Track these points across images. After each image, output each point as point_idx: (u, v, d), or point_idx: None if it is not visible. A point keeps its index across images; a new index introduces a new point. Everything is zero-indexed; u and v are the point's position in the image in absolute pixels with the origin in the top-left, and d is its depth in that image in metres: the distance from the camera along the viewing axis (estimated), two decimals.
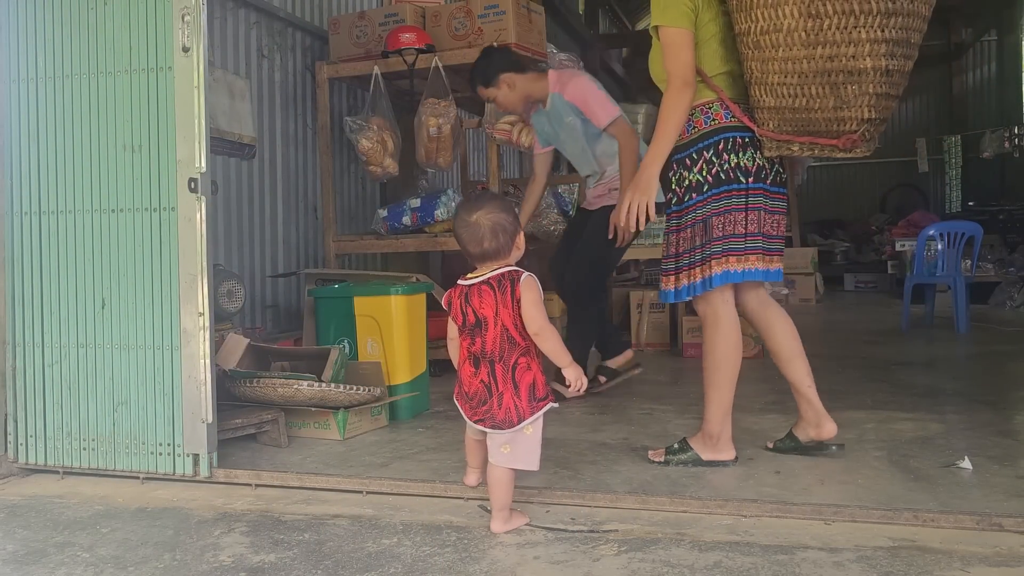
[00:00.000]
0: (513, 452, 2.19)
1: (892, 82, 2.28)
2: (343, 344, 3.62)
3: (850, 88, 2.28)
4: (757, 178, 2.53)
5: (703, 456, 2.66)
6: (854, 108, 2.31)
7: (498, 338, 2.19)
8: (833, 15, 2.22)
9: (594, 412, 3.58)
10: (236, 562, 2.06)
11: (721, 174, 2.53)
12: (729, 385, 2.62)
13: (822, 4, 2.22)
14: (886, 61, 2.23)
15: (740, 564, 1.95)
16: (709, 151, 2.55)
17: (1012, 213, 9.85)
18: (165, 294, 2.72)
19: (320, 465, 2.82)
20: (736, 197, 2.53)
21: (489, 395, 2.19)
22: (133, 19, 2.75)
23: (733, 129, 2.53)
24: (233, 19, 4.50)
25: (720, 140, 2.54)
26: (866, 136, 2.35)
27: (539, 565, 1.99)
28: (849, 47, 2.23)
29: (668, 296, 2.67)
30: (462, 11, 4.62)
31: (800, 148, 2.46)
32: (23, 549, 2.20)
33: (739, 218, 2.52)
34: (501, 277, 2.21)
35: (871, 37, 2.21)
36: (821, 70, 2.29)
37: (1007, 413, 3.41)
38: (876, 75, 2.25)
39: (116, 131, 2.78)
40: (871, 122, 2.32)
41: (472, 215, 2.22)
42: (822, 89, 2.32)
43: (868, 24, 2.20)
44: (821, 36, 2.25)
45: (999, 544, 2.04)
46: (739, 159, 2.53)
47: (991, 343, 5.58)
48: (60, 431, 2.83)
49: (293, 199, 4.99)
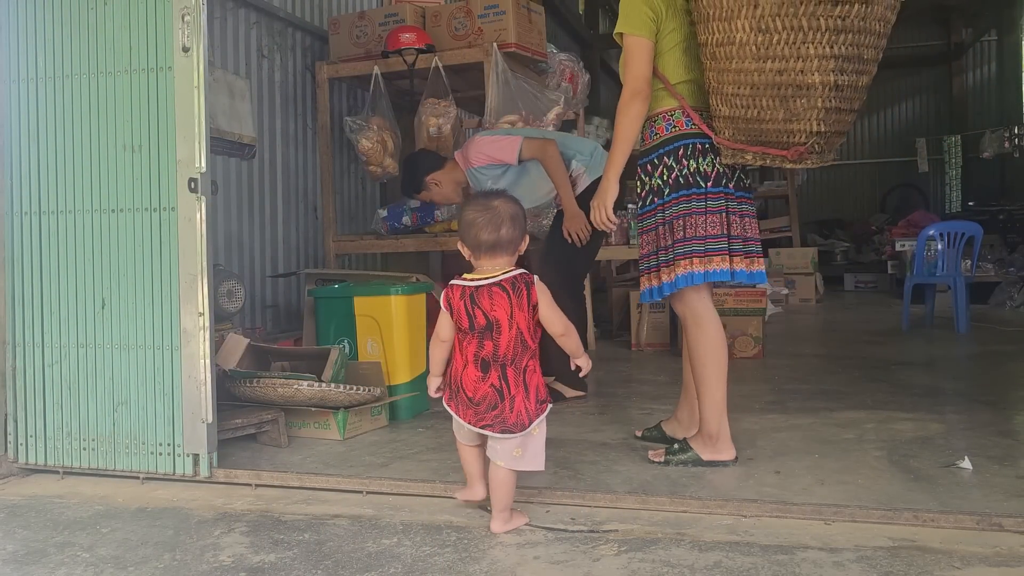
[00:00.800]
0: (524, 455, 2.19)
1: (843, 96, 2.32)
2: (343, 344, 3.62)
3: (799, 102, 2.33)
4: (716, 183, 2.60)
5: (703, 456, 2.67)
6: (803, 121, 2.35)
7: (512, 341, 2.16)
8: (783, 31, 2.27)
9: (594, 412, 3.58)
10: (236, 562, 2.06)
11: (680, 179, 2.60)
12: (718, 382, 2.64)
13: (772, 20, 2.27)
14: (835, 76, 2.27)
15: (740, 564, 1.95)
16: (669, 157, 2.62)
17: (1012, 213, 9.85)
18: (165, 294, 2.72)
19: (320, 465, 2.82)
20: (696, 201, 2.59)
21: (500, 399, 2.16)
22: (133, 19, 2.75)
23: (693, 136, 2.60)
24: (233, 19, 4.50)
25: (680, 146, 2.61)
26: (815, 148, 2.39)
27: (539, 565, 1.99)
28: (798, 62, 2.28)
29: (644, 296, 2.73)
30: (462, 11, 4.62)
31: (753, 157, 2.51)
32: (23, 549, 2.20)
33: (699, 221, 2.59)
34: (515, 280, 2.18)
35: (819, 53, 2.25)
36: (771, 83, 2.33)
37: (1007, 413, 3.42)
38: (824, 90, 2.29)
39: (116, 131, 2.78)
40: (821, 135, 2.37)
41: (492, 201, 2.22)
42: (772, 102, 2.36)
43: (816, 40, 2.25)
44: (771, 51, 2.30)
45: (999, 544, 2.04)
46: (698, 164, 2.59)
47: (991, 343, 5.58)
48: (60, 431, 2.83)
49: (293, 199, 4.99)
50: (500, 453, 2.19)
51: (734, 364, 4.69)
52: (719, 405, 2.65)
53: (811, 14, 2.23)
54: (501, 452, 2.19)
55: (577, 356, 2.31)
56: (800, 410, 3.40)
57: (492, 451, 2.21)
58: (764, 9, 2.27)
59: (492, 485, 2.23)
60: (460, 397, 2.21)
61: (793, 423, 3.24)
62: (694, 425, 2.80)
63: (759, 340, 4.92)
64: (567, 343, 2.27)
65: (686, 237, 2.59)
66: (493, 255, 2.20)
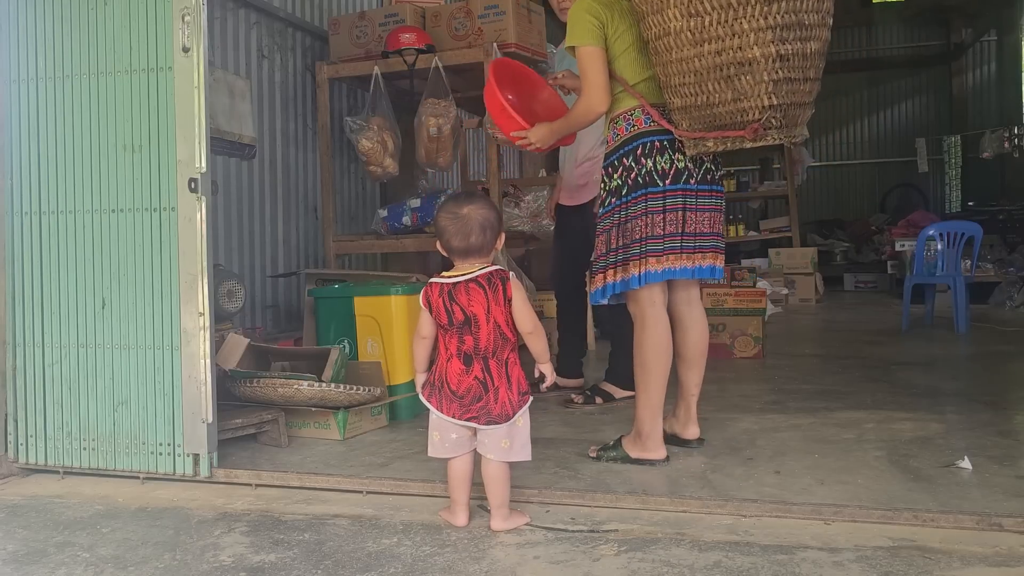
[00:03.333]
0: (512, 446, 2.23)
1: (791, 66, 2.28)
2: (343, 344, 3.62)
3: (744, 79, 2.31)
4: (676, 180, 2.60)
5: (631, 454, 2.71)
6: (752, 98, 2.32)
7: (492, 334, 2.21)
8: (712, 11, 2.27)
9: (594, 412, 3.58)
10: (236, 562, 2.06)
11: (639, 178, 2.62)
12: (657, 385, 2.66)
13: (700, 2, 2.28)
14: (775, 47, 2.24)
15: (740, 564, 1.95)
16: (628, 157, 2.64)
17: (1012, 213, 9.84)
18: (165, 294, 2.72)
19: (320, 465, 2.82)
20: (652, 200, 2.60)
21: (485, 391, 2.20)
22: (133, 19, 2.75)
23: (652, 134, 2.62)
24: (233, 19, 4.50)
25: (639, 145, 2.63)
26: (773, 123, 2.36)
27: (539, 565, 1.99)
28: (734, 39, 2.27)
29: (594, 296, 2.74)
30: (462, 11, 4.62)
31: (714, 143, 2.48)
32: (23, 549, 2.20)
33: (657, 220, 2.60)
34: (490, 276, 2.23)
35: (754, 26, 2.24)
36: (712, 65, 2.34)
37: (1007, 413, 3.41)
38: (768, 62, 2.27)
39: (116, 131, 2.78)
40: (776, 108, 2.33)
41: (463, 208, 2.24)
42: (718, 84, 2.36)
43: (748, 14, 2.23)
44: (705, 33, 2.31)
45: (999, 544, 2.04)
46: (655, 162, 2.61)
47: (991, 343, 5.58)
48: (60, 431, 2.83)
49: (293, 199, 4.99)
50: (489, 447, 2.22)
51: (734, 364, 4.74)
52: (654, 407, 2.67)
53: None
54: (490, 445, 2.22)
55: (542, 361, 2.31)
56: (800, 410, 3.40)
57: (482, 446, 2.24)
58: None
59: (487, 483, 2.24)
60: (444, 392, 2.24)
61: (793, 423, 3.24)
62: (687, 419, 2.86)
63: (759, 340, 4.92)
64: (533, 343, 2.28)
65: (642, 237, 2.60)
66: (466, 258, 2.26)
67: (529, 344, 2.30)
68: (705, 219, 2.66)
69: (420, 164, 4.79)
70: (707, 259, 2.67)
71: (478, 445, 2.26)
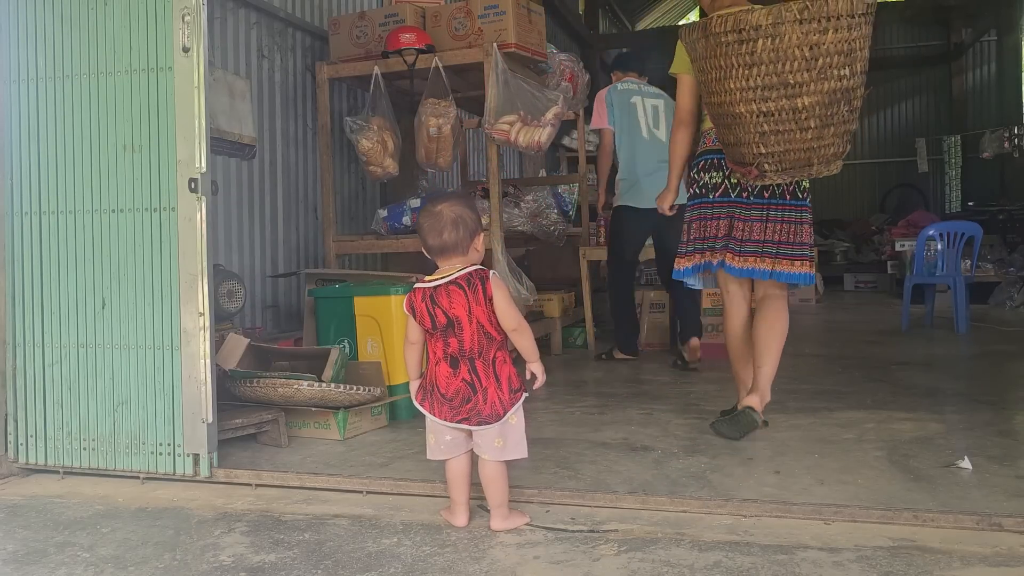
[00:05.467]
0: (506, 444, 2.23)
1: (779, 119, 2.55)
2: (343, 344, 3.62)
3: (738, 129, 2.66)
4: (724, 194, 3.01)
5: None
6: (746, 145, 2.67)
7: (475, 335, 2.21)
8: (712, 70, 2.63)
9: (594, 412, 3.58)
10: (236, 562, 2.06)
11: (697, 188, 3.10)
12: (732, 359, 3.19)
13: (704, 62, 2.65)
14: (758, 105, 2.55)
15: (740, 564, 1.95)
16: (694, 168, 3.14)
17: (1012, 213, 9.85)
18: (165, 294, 2.72)
19: (320, 465, 2.82)
20: (705, 208, 3.06)
21: (473, 392, 2.21)
22: (133, 19, 2.75)
23: (712, 152, 3.04)
24: (233, 19, 4.50)
25: (701, 160, 3.09)
26: (766, 167, 2.68)
27: (539, 565, 1.99)
28: (726, 95, 2.61)
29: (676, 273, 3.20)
30: (462, 11, 4.62)
31: (741, 176, 2.85)
32: (23, 549, 2.20)
33: (710, 224, 3.04)
34: (470, 276, 2.22)
35: (740, 86, 2.56)
36: (717, 114, 2.74)
37: (1007, 413, 3.42)
38: (752, 117, 2.58)
39: (116, 131, 2.78)
40: (767, 156, 2.65)
41: (437, 206, 2.26)
42: (724, 129, 2.76)
43: (735, 76, 2.55)
44: (710, 87, 2.68)
45: (999, 544, 2.04)
46: (709, 177, 3.05)
47: (991, 343, 5.58)
48: (60, 431, 2.83)
49: (293, 199, 4.99)
50: (484, 447, 2.23)
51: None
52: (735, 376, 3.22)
53: (724, 54, 2.55)
54: (484, 446, 2.23)
55: (531, 360, 2.29)
56: (800, 410, 3.40)
57: (477, 447, 2.25)
58: (699, 53, 2.66)
59: (484, 483, 2.24)
60: (435, 395, 2.25)
61: (793, 423, 3.24)
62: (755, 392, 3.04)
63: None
64: (519, 340, 2.27)
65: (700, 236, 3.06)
66: (445, 257, 2.26)
67: (515, 342, 2.28)
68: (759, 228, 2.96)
69: (420, 164, 4.79)
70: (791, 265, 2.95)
71: (473, 446, 2.26)
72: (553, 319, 5.41)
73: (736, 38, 2.49)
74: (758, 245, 2.95)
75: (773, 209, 2.95)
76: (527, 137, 4.50)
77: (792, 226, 2.95)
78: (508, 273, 4.38)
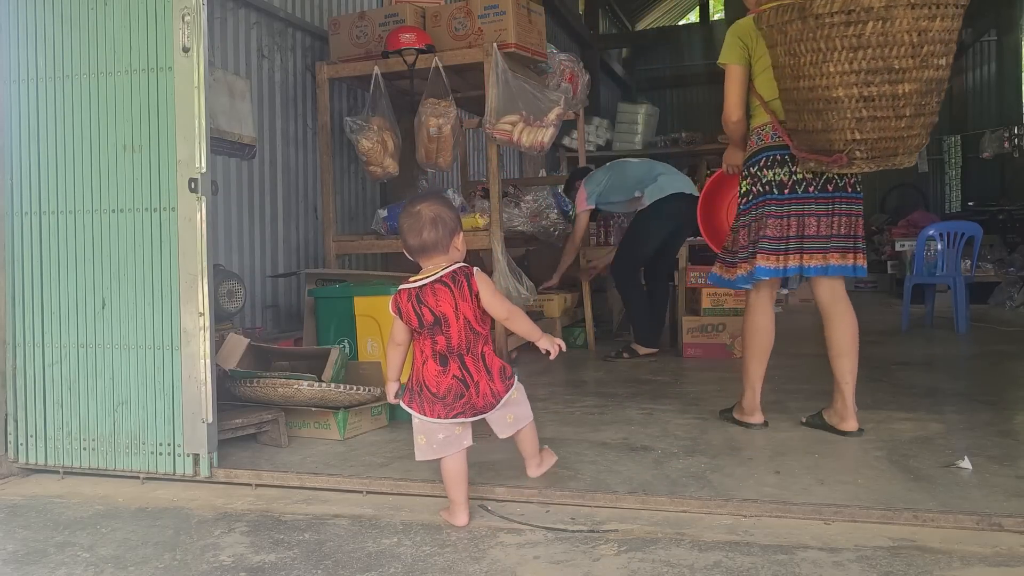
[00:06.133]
0: (516, 417, 2.35)
1: (878, 105, 2.50)
2: (343, 344, 3.62)
3: (831, 114, 2.57)
4: (793, 190, 2.95)
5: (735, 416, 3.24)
6: (838, 131, 2.59)
7: (462, 331, 2.24)
8: (807, 53, 2.53)
9: (594, 412, 3.58)
10: (236, 562, 2.06)
11: (760, 187, 3.00)
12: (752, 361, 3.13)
13: (798, 44, 2.55)
14: (859, 89, 2.49)
15: (740, 564, 1.95)
16: (755, 167, 3.03)
17: (1012, 213, 9.85)
18: (165, 294, 2.72)
19: (320, 465, 2.82)
20: (773, 206, 2.96)
21: (466, 387, 2.24)
22: (133, 19, 2.75)
23: (773, 148, 2.97)
24: (233, 19, 4.50)
25: (763, 157, 3.00)
26: (857, 155, 2.62)
27: (539, 565, 1.99)
28: (823, 79, 2.53)
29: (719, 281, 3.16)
30: (462, 11, 4.62)
31: (815, 164, 2.80)
32: (23, 549, 2.20)
33: (774, 224, 2.96)
34: (454, 273, 2.26)
35: (840, 70, 2.48)
36: (806, 99, 2.62)
37: (1007, 413, 3.42)
38: (851, 102, 2.51)
39: (116, 131, 2.78)
40: (860, 142, 2.58)
41: (415, 206, 2.29)
42: (810, 115, 2.65)
43: (836, 59, 2.48)
44: (801, 71, 2.58)
45: (999, 544, 2.04)
46: (775, 174, 2.97)
47: (991, 343, 5.58)
48: (60, 431, 2.83)
49: (293, 199, 4.99)
50: (498, 428, 2.35)
51: (734, 364, 4.73)
52: (750, 380, 3.15)
53: (826, 36, 2.46)
54: (498, 427, 2.36)
55: (534, 338, 2.38)
56: (800, 410, 3.40)
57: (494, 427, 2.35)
58: (791, 36, 2.56)
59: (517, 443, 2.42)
60: (424, 395, 2.26)
61: (793, 423, 3.24)
62: (845, 410, 3.01)
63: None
64: (516, 326, 2.36)
65: (764, 236, 2.97)
66: (427, 256, 2.30)
67: (512, 328, 2.37)
68: (825, 223, 2.93)
69: (420, 164, 4.79)
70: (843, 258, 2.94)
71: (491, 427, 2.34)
72: (553, 319, 5.41)
73: (844, 19, 2.42)
74: (825, 240, 2.95)
75: (838, 203, 2.95)
76: (530, 137, 4.50)
77: (855, 219, 2.98)
78: (508, 273, 4.38)
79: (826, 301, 3.03)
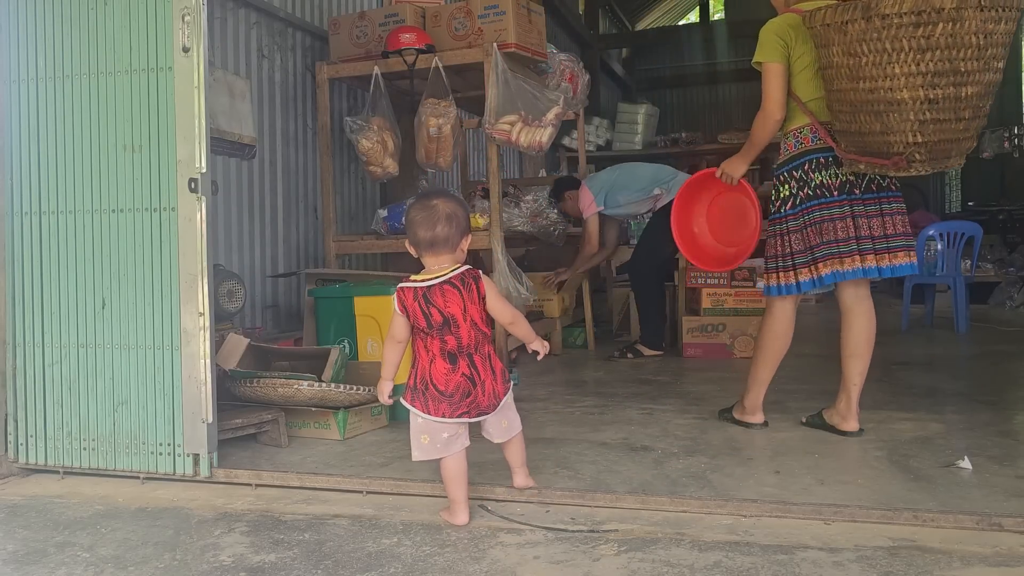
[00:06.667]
0: (510, 423, 2.38)
1: (941, 108, 2.45)
2: (343, 344, 3.62)
3: (892, 116, 2.50)
4: (841, 191, 2.88)
5: (735, 415, 3.24)
6: (898, 133, 2.52)
7: (471, 331, 2.26)
8: (869, 54, 2.47)
9: (594, 412, 3.58)
10: (236, 562, 2.06)
11: (809, 191, 2.91)
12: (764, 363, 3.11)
13: (859, 45, 2.48)
14: (924, 92, 2.42)
15: (740, 564, 1.95)
16: (798, 171, 2.94)
17: (1012, 213, 9.86)
18: (165, 294, 2.72)
19: (320, 465, 2.82)
20: (822, 210, 2.89)
21: (473, 386, 2.26)
22: (133, 19, 2.75)
23: (817, 151, 2.90)
24: (233, 19, 4.50)
25: (806, 161, 2.92)
26: (916, 157, 2.55)
27: (539, 565, 1.99)
28: (886, 80, 2.46)
29: (770, 290, 3.04)
30: (462, 11, 4.62)
31: (865, 167, 2.73)
32: (23, 549, 2.20)
33: (828, 228, 2.88)
34: (463, 276, 2.27)
35: (906, 71, 2.42)
36: (864, 100, 2.55)
37: (1007, 413, 3.42)
38: (915, 104, 2.45)
39: (116, 131, 2.78)
40: (920, 145, 2.52)
41: (432, 200, 2.30)
42: (868, 117, 2.57)
43: (901, 60, 2.41)
44: (861, 72, 2.51)
45: (999, 544, 2.04)
46: (822, 177, 2.89)
47: (991, 343, 5.58)
48: (60, 431, 2.83)
49: (293, 199, 4.99)
50: (494, 432, 2.36)
51: (734, 364, 4.74)
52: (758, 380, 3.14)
53: (893, 37, 2.40)
54: (494, 432, 2.37)
55: (530, 341, 2.42)
56: (800, 410, 3.40)
57: (487, 433, 2.37)
58: (851, 35, 2.48)
59: (506, 453, 2.44)
60: (430, 393, 2.26)
61: (793, 423, 3.24)
62: (848, 411, 3.01)
63: None
64: (517, 330, 2.41)
65: (824, 242, 2.88)
66: (434, 253, 2.29)
67: (514, 333, 2.41)
68: (878, 223, 2.89)
69: (420, 164, 4.78)
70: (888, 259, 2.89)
71: (483, 432, 2.35)
72: (553, 319, 5.41)
73: (913, 20, 2.37)
74: (886, 240, 2.90)
75: (885, 202, 2.92)
76: (528, 137, 4.50)
77: (903, 217, 2.96)
78: (508, 273, 4.37)
79: (849, 300, 3.01)
